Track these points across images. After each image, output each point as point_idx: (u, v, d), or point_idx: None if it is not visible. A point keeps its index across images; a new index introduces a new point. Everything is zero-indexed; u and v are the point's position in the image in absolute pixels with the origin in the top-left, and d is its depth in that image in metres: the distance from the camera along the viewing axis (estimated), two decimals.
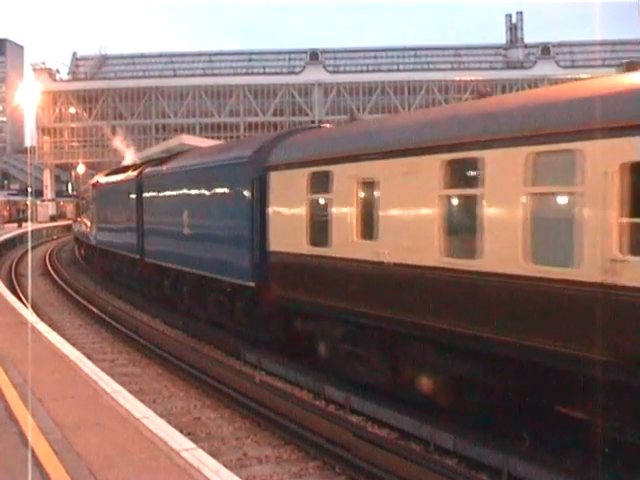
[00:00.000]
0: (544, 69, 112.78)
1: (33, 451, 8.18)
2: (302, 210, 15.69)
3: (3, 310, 19.92)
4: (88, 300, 28.99)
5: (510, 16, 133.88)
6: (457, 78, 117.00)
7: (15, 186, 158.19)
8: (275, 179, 16.96)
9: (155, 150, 51.78)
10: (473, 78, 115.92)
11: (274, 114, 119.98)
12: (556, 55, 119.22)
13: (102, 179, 39.41)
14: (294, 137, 18.04)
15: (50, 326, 18.70)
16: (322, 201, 15.20)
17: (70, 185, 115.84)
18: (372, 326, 13.67)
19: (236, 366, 17.78)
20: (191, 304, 23.60)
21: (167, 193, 25.58)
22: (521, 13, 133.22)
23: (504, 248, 10.35)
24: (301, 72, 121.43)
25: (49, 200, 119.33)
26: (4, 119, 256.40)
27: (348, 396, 13.98)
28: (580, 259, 9.20)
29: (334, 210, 14.57)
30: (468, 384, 11.72)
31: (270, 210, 17.04)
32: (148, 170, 28.81)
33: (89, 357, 15.16)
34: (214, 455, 9.30)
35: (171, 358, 18.42)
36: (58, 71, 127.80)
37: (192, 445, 8.60)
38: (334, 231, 14.53)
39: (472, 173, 11.23)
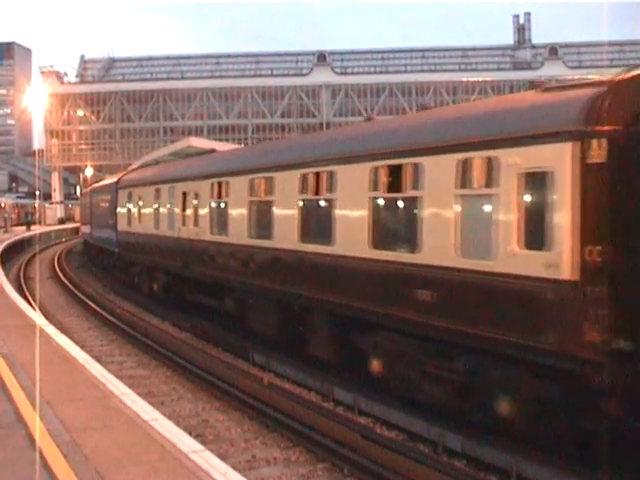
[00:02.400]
0: (552, 70, 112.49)
1: (41, 453, 8.19)
2: (125, 209, 32.57)
3: (12, 313, 19.96)
4: (97, 303, 29.04)
5: (518, 17, 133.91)
6: (465, 79, 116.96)
7: (23, 189, 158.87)
8: (120, 194, 34.00)
9: (163, 152, 51.69)
10: (481, 79, 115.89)
11: (282, 116, 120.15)
12: (564, 56, 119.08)
13: (85, 190, 60.45)
14: (129, 174, 36.81)
15: (59, 329, 18.72)
16: (131, 206, 31.37)
17: (78, 188, 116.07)
18: (147, 265, 29.48)
19: (244, 368, 17.76)
20: (106, 269, 40.04)
21: (96, 201, 43.28)
22: (529, 14, 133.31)
23: (146, 222, 28.68)
24: (309, 74, 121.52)
25: (57, 203, 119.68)
26: (12, 122, 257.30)
27: (356, 398, 13.98)
28: (175, 228, 24.31)
29: (133, 210, 31.13)
30: (169, 287, 26.61)
31: (118, 209, 34.18)
32: (94, 186, 48.73)
33: (97, 359, 15.19)
34: (222, 457, 9.29)
35: (180, 360, 18.41)
36: (66, 74, 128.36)
37: (200, 447, 8.59)
38: (132, 218, 31.16)
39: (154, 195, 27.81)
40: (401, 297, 12.47)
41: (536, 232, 9.98)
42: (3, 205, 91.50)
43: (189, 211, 23.18)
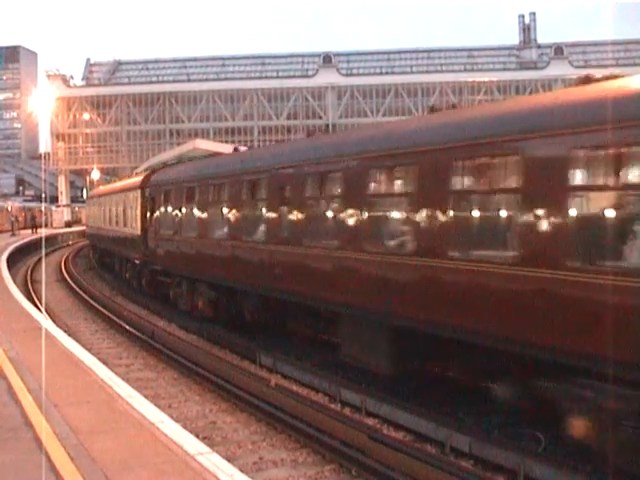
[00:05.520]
0: (557, 69, 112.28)
1: (48, 456, 8.20)
2: (89, 211, 60.06)
3: (19, 316, 19.98)
4: (104, 306, 29.07)
5: (523, 17, 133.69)
6: (470, 79, 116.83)
7: (30, 192, 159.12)
8: (88, 202, 62.18)
9: (169, 155, 51.86)
10: (487, 79, 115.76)
11: (288, 118, 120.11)
12: (569, 55, 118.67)
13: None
14: (95, 191, 60.64)
15: (66, 332, 18.77)
16: (89, 209, 60.77)
17: (85, 191, 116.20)
18: (94, 245, 53.16)
19: (251, 370, 17.76)
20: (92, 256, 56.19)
21: (86, 205, 66.39)
22: (534, 14, 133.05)
23: (93, 219, 55.26)
24: (314, 75, 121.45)
25: (64, 206, 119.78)
26: (19, 125, 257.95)
27: (364, 399, 13.96)
28: (98, 222, 49.14)
29: (90, 211, 58.23)
30: (101, 256, 49.19)
31: (87, 211, 66.05)
32: (89, 194, 68.38)
33: (104, 362, 15.21)
34: (230, 459, 9.30)
35: (187, 362, 18.40)
36: (72, 77, 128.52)
37: (207, 449, 8.59)
38: (90, 217, 57.29)
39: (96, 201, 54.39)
40: (129, 247, 33.73)
41: (134, 219, 31.94)
42: (10, 208, 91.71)
43: (102, 212, 45.03)
